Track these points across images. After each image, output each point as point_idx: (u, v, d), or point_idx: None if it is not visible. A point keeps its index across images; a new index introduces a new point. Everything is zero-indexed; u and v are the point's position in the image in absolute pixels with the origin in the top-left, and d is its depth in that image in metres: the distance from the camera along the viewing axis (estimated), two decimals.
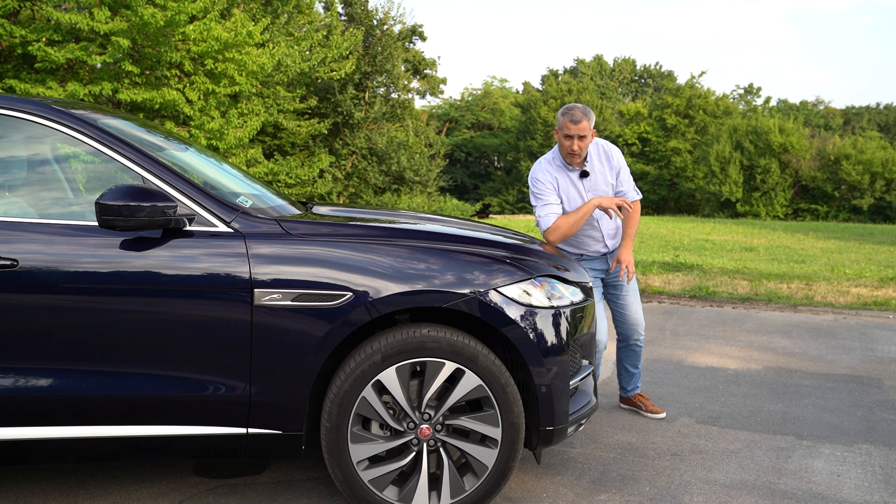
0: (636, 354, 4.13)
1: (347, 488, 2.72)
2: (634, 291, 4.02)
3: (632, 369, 4.16)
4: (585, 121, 3.65)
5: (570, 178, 3.79)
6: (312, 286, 2.61)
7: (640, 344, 4.12)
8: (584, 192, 3.79)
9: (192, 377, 2.61)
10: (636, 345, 4.09)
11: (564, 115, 3.68)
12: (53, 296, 2.56)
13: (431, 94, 43.43)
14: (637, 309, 4.03)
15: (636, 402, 4.17)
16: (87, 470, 3.22)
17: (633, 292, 4.01)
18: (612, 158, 3.83)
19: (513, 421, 2.72)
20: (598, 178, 3.81)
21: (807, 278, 9.66)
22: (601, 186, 3.80)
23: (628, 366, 4.16)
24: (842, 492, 3.15)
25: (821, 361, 5.42)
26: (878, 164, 40.81)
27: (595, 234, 3.91)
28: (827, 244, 18.36)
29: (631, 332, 4.04)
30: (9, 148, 2.84)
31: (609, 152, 3.84)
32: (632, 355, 4.13)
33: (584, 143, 3.68)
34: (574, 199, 3.79)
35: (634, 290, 4.02)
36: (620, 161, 3.87)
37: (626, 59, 59.96)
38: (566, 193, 3.79)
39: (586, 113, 3.67)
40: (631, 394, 4.19)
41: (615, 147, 3.88)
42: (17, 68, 12.90)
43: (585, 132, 3.66)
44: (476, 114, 50.19)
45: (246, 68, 13.76)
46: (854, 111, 61.20)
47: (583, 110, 3.67)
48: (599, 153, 3.83)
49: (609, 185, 3.82)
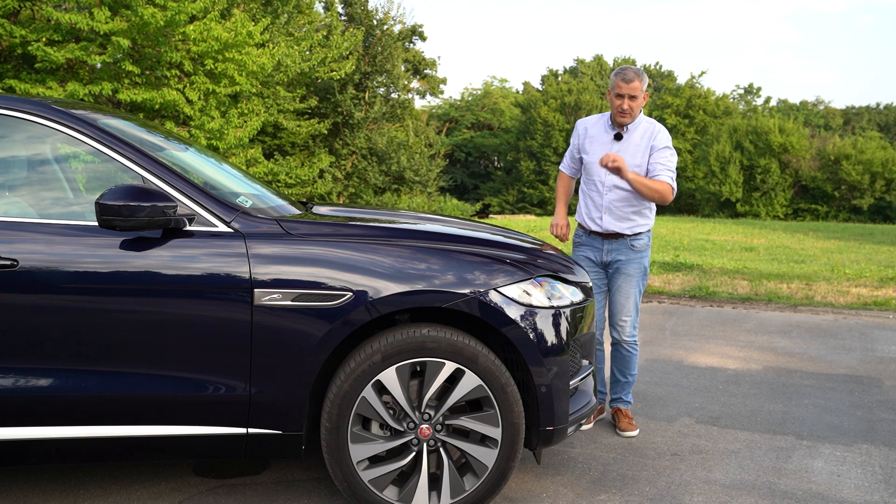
0: (622, 357, 3.85)
1: (347, 488, 2.72)
2: (626, 294, 3.76)
3: (618, 375, 3.88)
4: (637, 81, 3.61)
5: (605, 137, 3.73)
6: (312, 286, 2.61)
7: (626, 347, 3.82)
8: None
9: (192, 377, 2.61)
10: (619, 345, 3.83)
11: (617, 76, 3.64)
12: (53, 296, 2.56)
13: (431, 94, 43.45)
14: (625, 297, 3.75)
15: (612, 414, 3.91)
16: (87, 470, 3.22)
17: (625, 294, 3.76)
18: (656, 139, 3.68)
19: (513, 421, 2.72)
20: (630, 148, 3.67)
21: (807, 278, 9.66)
22: (628, 158, 3.63)
23: (614, 369, 3.90)
24: (842, 492, 3.15)
25: (821, 361, 5.42)
26: (878, 164, 40.79)
27: (596, 199, 3.75)
28: (827, 244, 18.36)
29: (611, 327, 3.83)
30: (9, 148, 2.84)
31: (655, 133, 3.70)
32: (617, 356, 3.86)
33: (636, 105, 3.63)
34: (597, 156, 3.69)
35: (627, 293, 3.76)
36: (662, 143, 3.68)
37: (626, 59, 59.96)
38: (591, 147, 3.75)
39: (639, 74, 3.62)
40: (613, 404, 3.93)
41: (666, 132, 3.73)
42: (17, 68, 12.90)
43: (636, 92, 3.60)
44: (476, 114, 50.18)
45: (246, 68, 13.76)
46: (854, 111, 61.19)
47: (636, 71, 3.63)
48: (645, 129, 3.71)
49: (635, 160, 3.65)
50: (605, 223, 3.73)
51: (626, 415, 3.84)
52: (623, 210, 3.72)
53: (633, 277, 3.75)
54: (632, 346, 3.83)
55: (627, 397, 3.90)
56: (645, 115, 3.76)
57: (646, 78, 3.66)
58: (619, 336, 3.81)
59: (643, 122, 3.72)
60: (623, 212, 3.72)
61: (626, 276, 3.75)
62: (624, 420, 3.82)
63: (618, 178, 3.63)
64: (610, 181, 3.69)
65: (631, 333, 3.81)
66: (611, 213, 3.72)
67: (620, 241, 3.74)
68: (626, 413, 3.85)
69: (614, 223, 3.72)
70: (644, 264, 3.79)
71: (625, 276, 3.75)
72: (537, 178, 43.76)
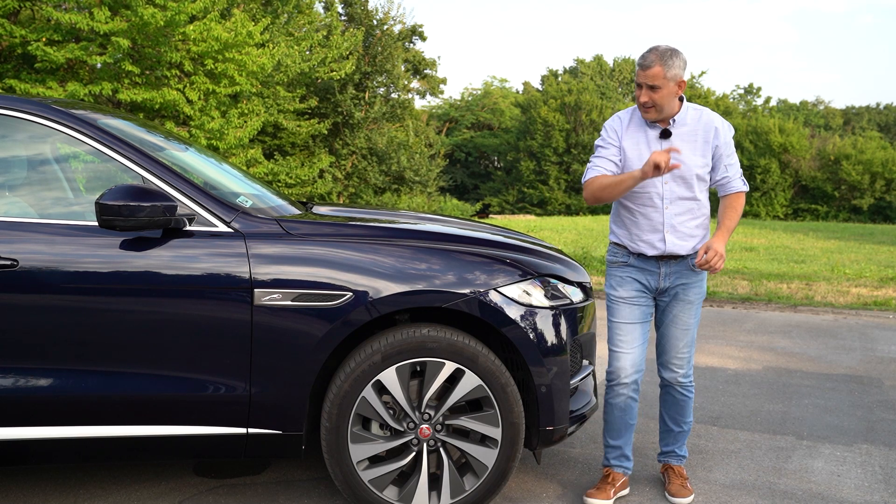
0: (675, 401, 3.13)
1: (347, 488, 2.72)
2: (685, 325, 3.03)
3: (671, 423, 3.15)
4: (658, 66, 2.83)
5: (647, 136, 2.96)
6: (312, 286, 2.61)
7: (681, 388, 3.10)
8: None
9: (193, 377, 2.61)
10: (672, 387, 3.12)
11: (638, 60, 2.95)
12: (53, 296, 2.56)
13: (431, 94, 43.43)
14: (683, 329, 3.04)
15: (663, 472, 3.21)
16: (87, 470, 3.22)
17: (683, 325, 3.03)
18: (714, 131, 2.94)
19: (513, 421, 2.72)
20: (684, 145, 2.92)
21: (807, 278, 9.66)
22: (685, 157, 2.90)
23: (666, 416, 3.18)
24: (842, 492, 3.15)
25: (821, 361, 5.42)
26: (878, 164, 40.80)
27: (653, 216, 2.94)
28: (827, 244, 18.36)
29: (662, 367, 3.12)
30: (9, 148, 2.84)
31: (712, 123, 2.96)
32: (669, 400, 3.15)
33: (659, 96, 2.85)
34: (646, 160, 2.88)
35: (686, 324, 3.03)
36: (726, 138, 2.97)
37: (626, 59, 59.94)
38: (637, 152, 2.96)
39: (663, 57, 2.84)
40: (664, 459, 3.21)
41: (727, 124, 3.01)
42: (17, 68, 12.89)
43: (657, 81, 2.84)
44: (476, 114, 50.16)
45: (246, 68, 13.74)
46: (854, 111, 61.19)
47: (661, 53, 2.85)
48: (699, 119, 2.96)
49: (696, 161, 2.92)
50: (668, 245, 2.93)
51: (678, 474, 3.13)
52: (687, 225, 2.95)
53: (693, 305, 3.03)
54: (688, 389, 3.12)
55: (682, 450, 3.19)
56: (691, 103, 3.03)
57: (676, 62, 2.85)
58: (674, 377, 3.09)
59: (690, 111, 2.98)
60: (688, 227, 2.95)
61: (685, 304, 3.02)
62: (676, 482, 3.10)
63: (678, 188, 2.92)
64: (671, 192, 2.92)
65: (688, 373, 3.10)
66: (674, 231, 2.94)
67: (681, 262, 2.98)
68: (680, 472, 3.14)
69: (679, 244, 2.94)
70: (703, 288, 3.06)
71: (684, 303, 3.02)
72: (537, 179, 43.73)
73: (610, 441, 3.09)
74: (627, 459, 3.10)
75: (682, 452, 3.19)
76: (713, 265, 2.83)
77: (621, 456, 3.09)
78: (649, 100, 2.88)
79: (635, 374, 3.01)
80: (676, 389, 3.12)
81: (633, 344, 3.00)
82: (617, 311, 3.03)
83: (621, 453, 3.08)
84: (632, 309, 3.00)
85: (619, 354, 3.01)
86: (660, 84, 2.84)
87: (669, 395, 3.15)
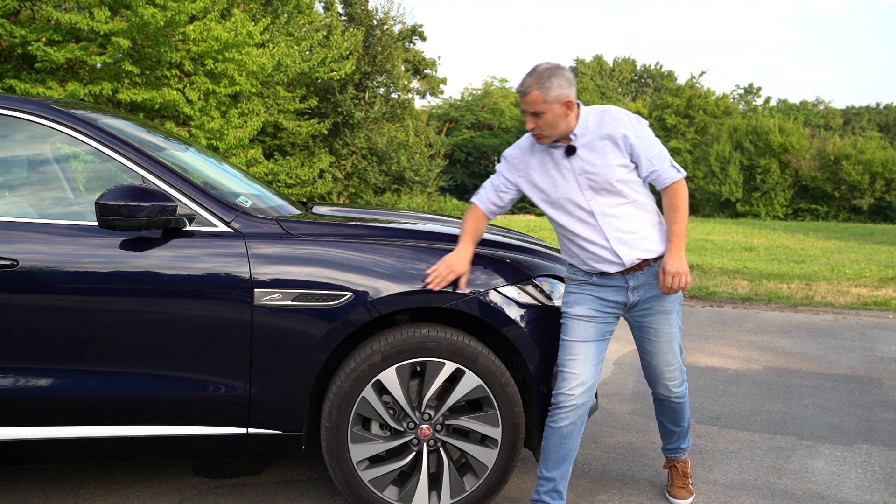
0: (671, 410, 2.98)
1: (347, 488, 2.72)
2: (668, 336, 2.80)
3: (669, 425, 3.04)
4: (536, 90, 2.57)
5: (554, 158, 2.70)
6: (312, 286, 2.61)
7: (676, 399, 2.94)
8: (575, 175, 2.67)
9: (193, 377, 2.61)
10: (667, 400, 2.95)
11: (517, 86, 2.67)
12: (53, 296, 2.56)
13: (431, 94, 43.41)
14: (667, 341, 2.81)
15: (667, 468, 3.18)
16: (87, 470, 3.22)
17: (666, 337, 2.80)
18: (620, 130, 2.65)
19: (513, 421, 2.72)
20: (593, 156, 2.65)
21: (807, 278, 9.66)
22: (601, 170, 2.64)
23: (664, 420, 3.05)
24: (842, 492, 3.15)
25: (821, 361, 5.42)
26: (878, 164, 40.82)
27: (593, 236, 2.69)
28: (827, 244, 18.35)
29: (654, 384, 2.93)
30: (9, 148, 2.84)
31: (616, 122, 2.66)
32: (664, 409, 3.00)
33: (545, 121, 2.60)
34: (561, 185, 2.70)
35: (668, 335, 2.80)
36: (637, 131, 2.67)
37: (626, 59, 59.95)
38: (548, 176, 2.72)
39: (541, 80, 2.57)
40: (667, 454, 3.14)
41: (633, 116, 2.71)
42: (17, 68, 12.89)
43: (538, 106, 2.58)
44: (476, 114, 50.16)
45: (246, 68, 13.75)
46: (854, 111, 61.20)
47: (538, 76, 2.58)
48: (601, 123, 2.67)
49: (612, 167, 2.65)
50: (625, 258, 2.69)
51: (681, 473, 3.08)
52: (635, 230, 2.70)
53: (671, 313, 2.78)
54: (682, 397, 2.95)
55: (685, 443, 3.09)
56: (590, 107, 2.74)
57: (556, 82, 2.57)
58: (669, 391, 2.90)
59: (591, 117, 2.68)
60: (636, 232, 2.70)
61: (662, 315, 2.77)
62: (678, 482, 3.06)
63: (606, 198, 2.68)
64: (599, 207, 2.68)
65: (681, 384, 2.90)
66: (623, 242, 2.68)
67: (648, 270, 2.73)
68: (683, 470, 3.08)
69: (635, 252, 2.69)
70: (680, 292, 2.78)
71: (661, 314, 2.77)
72: None
73: (543, 472, 2.73)
74: (559, 497, 2.73)
75: (685, 445, 3.09)
76: (678, 287, 2.65)
77: (552, 491, 2.72)
78: (535, 126, 2.64)
79: (584, 397, 2.68)
80: (671, 401, 2.94)
81: (585, 364, 2.69)
82: (570, 329, 2.72)
83: (553, 488, 2.72)
84: (587, 326, 2.72)
85: (567, 375, 2.68)
86: (542, 109, 2.59)
87: (665, 406, 2.98)
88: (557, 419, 2.69)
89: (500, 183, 2.84)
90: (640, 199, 2.71)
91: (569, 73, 2.63)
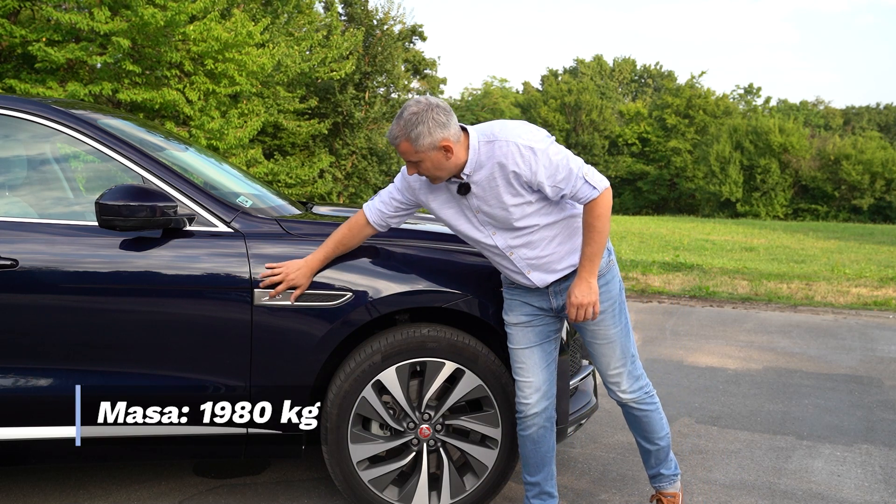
0: (634, 418, 2.75)
1: (347, 488, 2.72)
2: (606, 338, 2.62)
3: (640, 440, 2.79)
4: (404, 142, 2.34)
5: (451, 192, 2.52)
6: (312, 286, 2.61)
7: (635, 405, 2.70)
8: (473, 213, 2.51)
9: (193, 377, 2.61)
10: (626, 406, 2.72)
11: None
12: (54, 296, 2.56)
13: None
14: (606, 343, 2.63)
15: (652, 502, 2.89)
16: (87, 470, 3.22)
17: (603, 339, 2.62)
18: (511, 168, 2.37)
19: (513, 421, 2.72)
20: (490, 196, 2.43)
21: (807, 278, 9.66)
22: (497, 212, 2.45)
23: (634, 433, 2.82)
24: (842, 492, 3.15)
25: (821, 361, 5.43)
26: (878, 164, 40.85)
27: (506, 264, 2.57)
28: (827, 244, 18.36)
29: (603, 377, 2.71)
30: (9, 148, 2.84)
31: (505, 162, 2.37)
32: (629, 418, 2.77)
33: (425, 169, 2.39)
34: (459, 221, 2.54)
35: (605, 337, 2.62)
36: (531, 167, 2.36)
37: (626, 59, 59.97)
38: (447, 209, 2.55)
39: (406, 129, 2.33)
40: (651, 483, 2.86)
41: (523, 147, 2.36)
42: (17, 68, 12.89)
43: (411, 157, 2.36)
44: (476, 114, 50.18)
45: (246, 68, 13.75)
46: (854, 111, 61.20)
47: (404, 124, 2.33)
48: (492, 156, 2.39)
49: (511, 210, 2.43)
50: (538, 282, 2.56)
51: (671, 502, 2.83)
52: (547, 252, 2.53)
53: (605, 314, 2.58)
54: (644, 403, 2.71)
55: (668, 468, 2.81)
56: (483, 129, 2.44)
57: (423, 127, 2.31)
58: (618, 396, 2.70)
59: (482, 149, 2.40)
60: (550, 255, 2.54)
61: (600, 337, 2.63)
62: None
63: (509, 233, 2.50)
64: (504, 242, 2.51)
65: (633, 388, 2.68)
66: (536, 268, 2.54)
67: (571, 275, 2.58)
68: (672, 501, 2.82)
69: (550, 276, 2.56)
70: (612, 291, 2.60)
71: (600, 336, 2.63)
72: None
73: (527, 477, 2.73)
74: (550, 497, 2.74)
75: (668, 471, 2.81)
76: (585, 318, 2.49)
77: (542, 493, 2.73)
78: (417, 172, 2.43)
79: (544, 402, 2.63)
80: (630, 406, 2.71)
81: (534, 369, 2.62)
82: (512, 337, 2.65)
83: (541, 490, 2.72)
84: (525, 332, 2.62)
85: (520, 383, 2.63)
86: (417, 158, 2.36)
87: (628, 414, 2.76)
88: (524, 427, 2.66)
89: (400, 190, 2.61)
90: (549, 218, 2.50)
91: (440, 112, 2.34)
